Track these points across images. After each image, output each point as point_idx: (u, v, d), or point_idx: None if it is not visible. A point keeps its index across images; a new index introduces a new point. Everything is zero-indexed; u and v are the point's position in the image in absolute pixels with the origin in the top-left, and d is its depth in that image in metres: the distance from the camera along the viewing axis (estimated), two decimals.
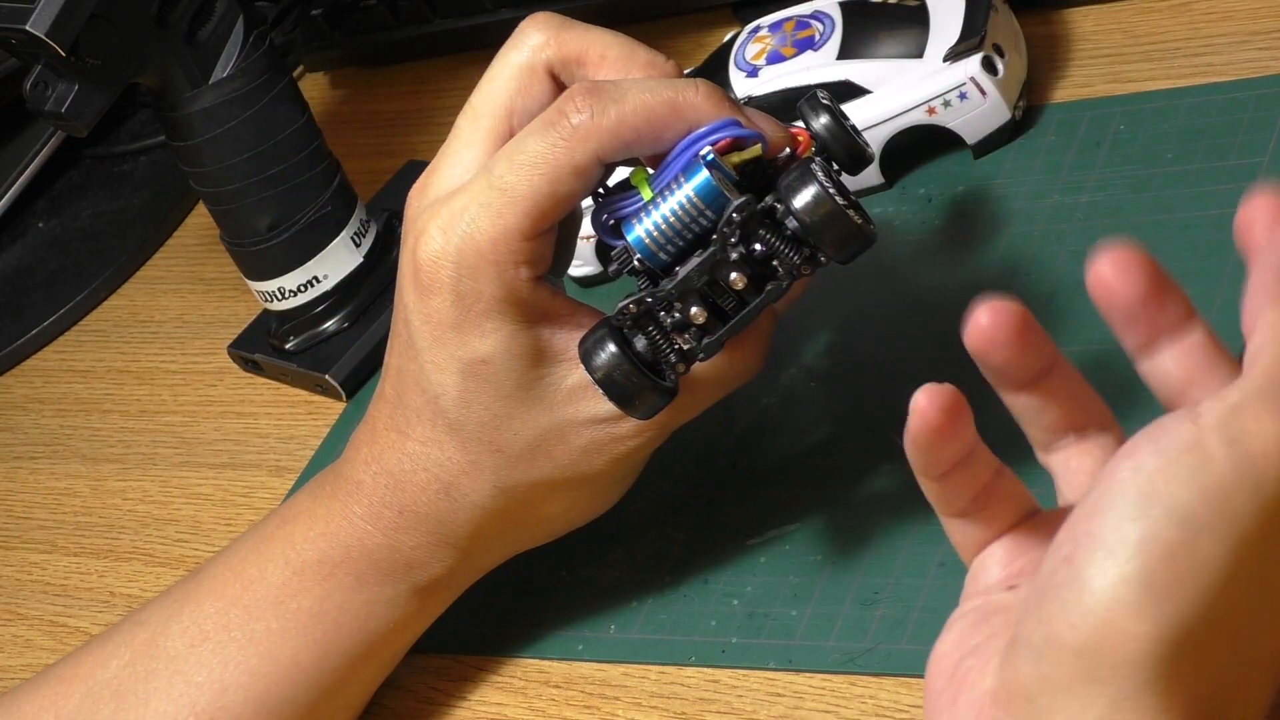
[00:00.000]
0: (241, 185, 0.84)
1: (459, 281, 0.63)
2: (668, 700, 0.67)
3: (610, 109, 0.61)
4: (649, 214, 0.61)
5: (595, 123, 0.61)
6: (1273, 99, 0.74)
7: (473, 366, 0.64)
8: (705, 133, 0.61)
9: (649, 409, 0.62)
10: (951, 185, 0.79)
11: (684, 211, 0.61)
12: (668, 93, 0.61)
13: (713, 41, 0.92)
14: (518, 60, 0.64)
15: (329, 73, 1.11)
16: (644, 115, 0.61)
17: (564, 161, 0.61)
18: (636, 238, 0.61)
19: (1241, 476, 0.45)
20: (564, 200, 0.62)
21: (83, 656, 0.70)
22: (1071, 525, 0.46)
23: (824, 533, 0.68)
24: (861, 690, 0.64)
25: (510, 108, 0.64)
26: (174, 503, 0.89)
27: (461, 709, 0.71)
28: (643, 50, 0.64)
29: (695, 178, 0.60)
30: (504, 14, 1.00)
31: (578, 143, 0.61)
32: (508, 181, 0.62)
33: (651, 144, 0.62)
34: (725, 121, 0.61)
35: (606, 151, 0.61)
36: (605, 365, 0.61)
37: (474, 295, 0.63)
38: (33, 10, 0.76)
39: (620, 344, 0.61)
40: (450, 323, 0.63)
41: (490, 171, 0.62)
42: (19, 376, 1.02)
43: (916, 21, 0.79)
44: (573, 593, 0.72)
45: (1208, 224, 0.71)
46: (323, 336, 0.88)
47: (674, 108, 0.61)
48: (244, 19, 0.83)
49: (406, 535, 0.67)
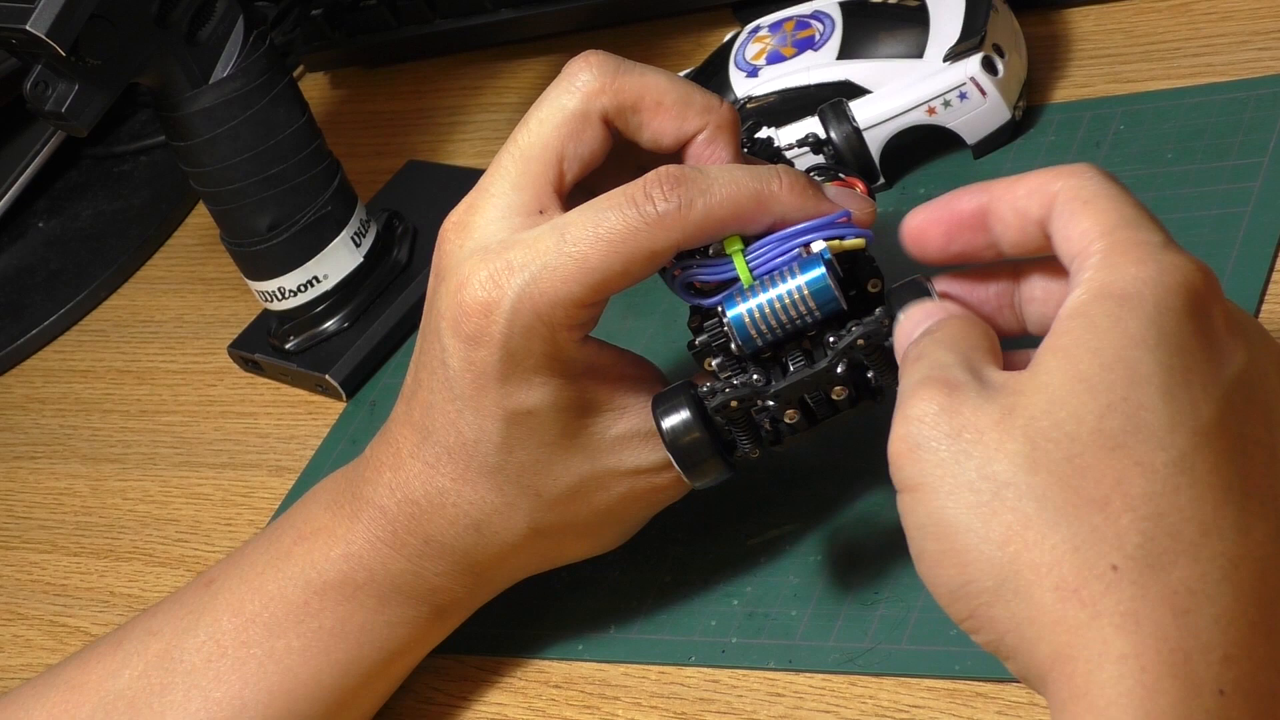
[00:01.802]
0: (241, 185, 0.84)
1: (510, 338, 0.62)
2: (668, 700, 0.67)
3: (698, 201, 0.60)
4: (753, 296, 0.60)
5: (681, 214, 0.60)
6: (1273, 99, 0.74)
7: (517, 417, 0.63)
8: (820, 224, 0.60)
9: (713, 480, 0.62)
10: (951, 185, 0.78)
11: (793, 305, 0.60)
12: (754, 185, 0.61)
13: (713, 41, 0.92)
14: (570, 105, 0.63)
15: (329, 73, 1.11)
16: (730, 209, 0.61)
17: (644, 245, 0.60)
18: (737, 317, 0.60)
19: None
20: (632, 279, 0.61)
21: (91, 663, 0.70)
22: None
23: (824, 533, 0.68)
24: (861, 690, 0.64)
25: (561, 153, 0.63)
26: (174, 503, 0.88)
27: (461, 709, 0.71)
28: (699, 95, 0.64)
29: (811, 273, 0.60)
30: (504, 14, 1.00)
31: (660, 230, 0.60)
32: (580, 251, 0.61)
33: (733, 233, 0.62)
34: (838, 215, 0.61)
35: (688, 241, 0.61)
36: (679, 432, 0.61)
37: (524, 352, 0.62)
38: (33, 10, 0.76)
39: (698, 415, 0.60)
40: (496, 375, 0.63)
41: (563, 236, 0.61)
42: (19, 376, 1.02)
43: (916, 21, 0.79)
44: (573, 593, 0.72)
45: (1208, 224, 0.71)
46: (323, 336, 0.88)
47: (760, 201, 0.61)
48: (244, 19, 0.83)
49: (431, 563, 0.67)
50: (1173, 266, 0.52)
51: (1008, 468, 0.50)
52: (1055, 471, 0.50)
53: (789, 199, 0.61)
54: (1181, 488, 0.50)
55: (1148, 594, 0.49)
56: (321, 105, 1.08)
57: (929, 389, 0.52)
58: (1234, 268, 0.69)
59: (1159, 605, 0.49)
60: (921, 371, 0.53)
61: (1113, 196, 0.54)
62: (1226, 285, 0.68)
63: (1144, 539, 0.49)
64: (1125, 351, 0.51)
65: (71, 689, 0.69)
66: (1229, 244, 0.70)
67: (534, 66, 1.01)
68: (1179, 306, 0.52)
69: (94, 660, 0.70)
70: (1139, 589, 0.49)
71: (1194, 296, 0.52)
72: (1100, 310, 0.52)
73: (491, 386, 0.63)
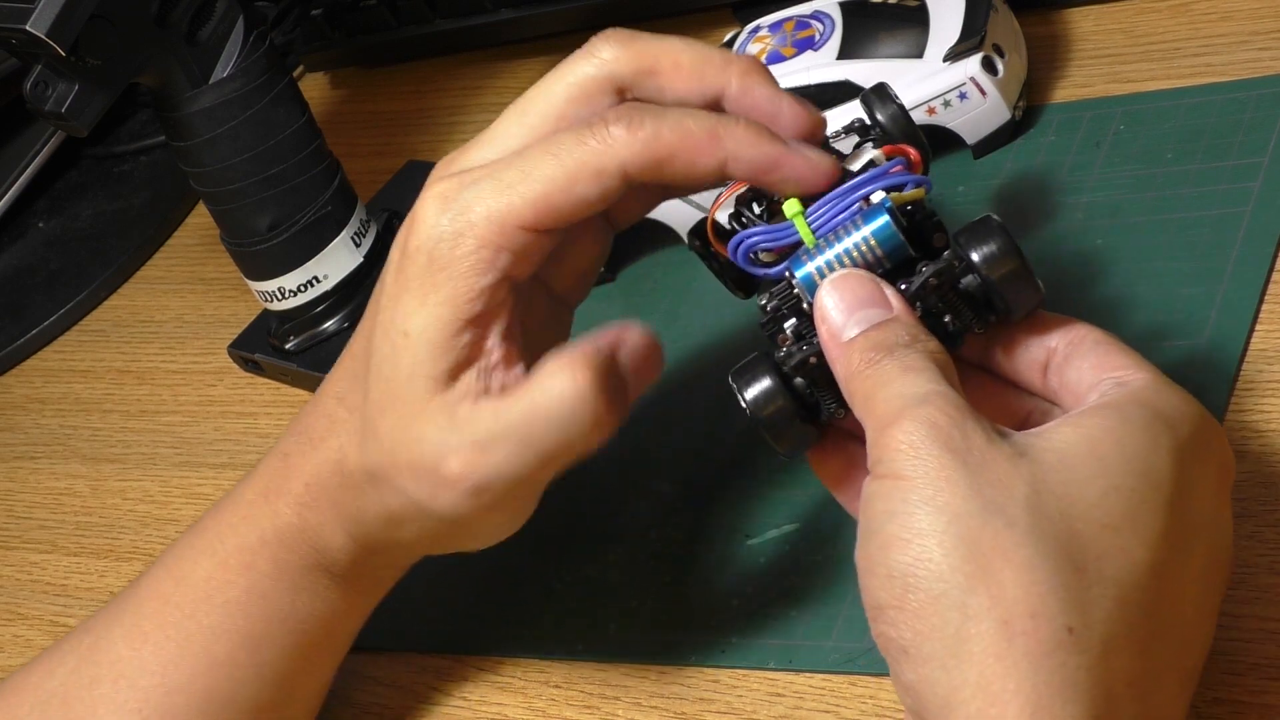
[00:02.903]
0: (241, 185, 0.84)
1: (437, 244, 0.60)
2: (668, 700, 0.67)
3: (648, 123, 0.59)
4: (819, 254, 0.59)
5: (629, 133, 0.59)
6: (1273, 99, 0.74)
7: (393, 336, 0.61)
8: (876, 174, 0.59)
9: (801, 446, 0.60)
10: (951, 185, 0.79)
11: (860, 256, 0.58)
12: (709, 121, 0.59)
13: (713, 41, 0.91)
14: (584, 71, 0.62)
15: (329, 73, 1.11)
16: (679, 135, 0.59)
17: (589, 161, 0.59)
18: (807, 276, 0.59)
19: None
20: (575, 202, 0.59)
21: (33, 666, 0.70)
22: None
23: (824, 533, 0.68)
24: (861, 690, 0.64)
25: (562, 113, 0.62)
26: (174, 503, 0.89)
27: (461, 709, 0.71)
28: (717, 53, 0.62)
29: (874, 222, 0.58)
30: (504, 14, 1.00)
31: (607, 148, 0.59)
32: (528, 164, 0.60)
33: (685, 168, 0.59)
34: (893, 163, 0.60)
35: (635, 164, 0.59)
36: (762, 402, 0.59)
37: (445, 261, 0.60)
38: (33, 10, 0.76)
39: (780, 381, 0.59)
40: (410, 286, 0.61)
41: (518, 155, 0.60)
42: (19, 376, 1.02)
43: (916, 21, 0.79)
44: (573, 593, 0.72)
45: (1208, 224, 0.71)
46: (323, 336, 0.88)
47: (713, 135, 0.59)
48: (244, 19, 0.83)
49: (311, 512, 0.66)
50: (1214, 424, 0.55)
51: (1004, 498, 0.51)
52: (1047, 521, 0.51)
53: (745, 136, 0.59)
54: (1150, 590, 0.51)
55: (1090, 670, 0.49)
56: (321, 105, 1.08)
57: (949, 405, 0.53)
58: (1234, 268, 0.69)
59: (1096, 685, 0.49)
60: (938, 384, 0.54)
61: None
62: (1226, 286, 0.68)
63: (1106, 616, 0.50)
64: (1148, 454, 0.52)
65: (15, 692, 0.69)
66: (1229, 244, 0.70)
67: (534, 66, 1.01)
68: (1206, 455, 0.54)
69: (36, 663, 0.70)
70: (1085, 660, 0.49)
71: (1224, 456, 0.55)
72: (1137, 413, 0.53)
73: (398, 297, 0.61)
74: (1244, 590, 0.59)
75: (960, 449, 0.52)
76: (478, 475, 0.60)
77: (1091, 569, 0.50)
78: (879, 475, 0.53)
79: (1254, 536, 0.61)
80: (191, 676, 0.67)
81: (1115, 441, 0.52)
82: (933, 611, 0.50)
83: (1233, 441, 0.64)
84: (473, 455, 0.60)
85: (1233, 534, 0.56)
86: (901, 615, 0.51)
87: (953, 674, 0.50)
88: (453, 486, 0.61)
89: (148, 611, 0.68)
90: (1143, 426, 0.53)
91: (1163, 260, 0.71)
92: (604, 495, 0.74)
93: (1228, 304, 0.68)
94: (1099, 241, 0.73)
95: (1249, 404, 0.65)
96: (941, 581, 0.50)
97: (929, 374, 0.54)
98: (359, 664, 0.73)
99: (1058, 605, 0.49)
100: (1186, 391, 0.55)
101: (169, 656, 0.67)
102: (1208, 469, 0.54)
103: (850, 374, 0.56)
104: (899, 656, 0.51)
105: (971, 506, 0.51)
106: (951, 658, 0.50)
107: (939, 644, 0.50)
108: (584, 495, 0.74)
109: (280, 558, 0.67)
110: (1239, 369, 0.66)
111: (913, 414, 0.53)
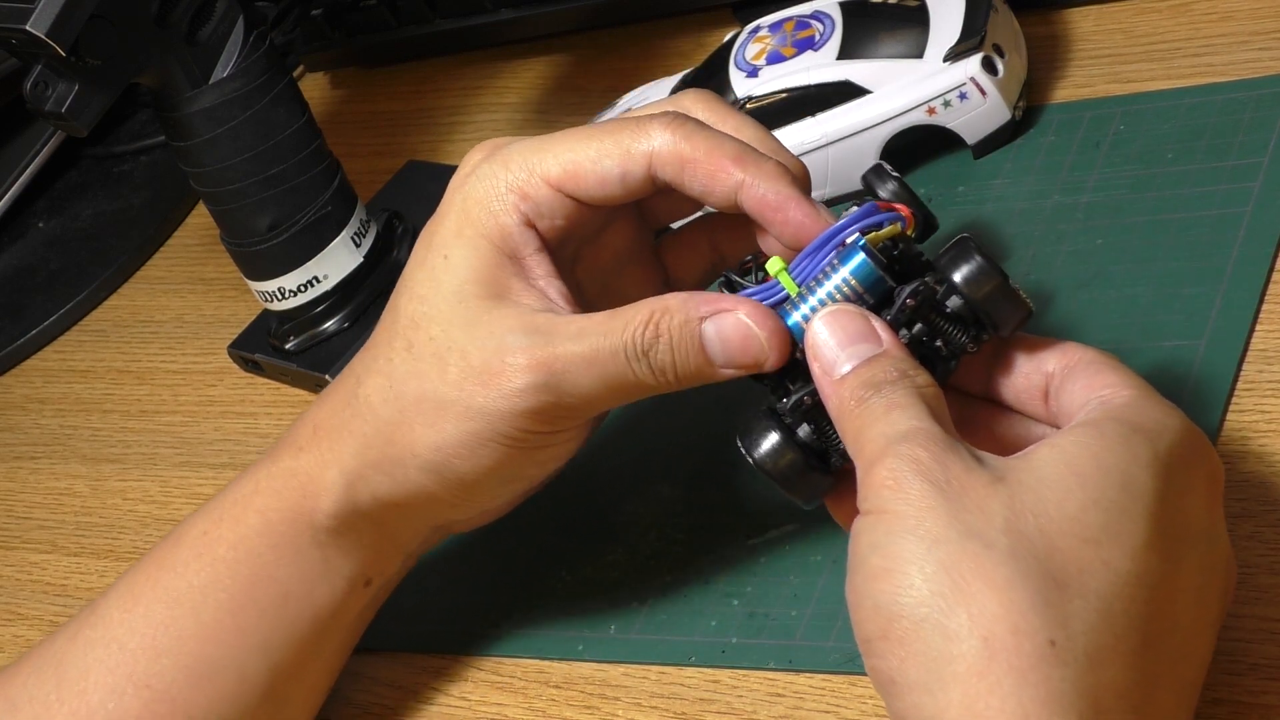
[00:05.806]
0: (241, 185, 0.84)
1: (475, 183, 0.64)
2: (668, 700, 0.67)
3: (684, 127, 0.63)
4: (803, 302, 0.60)
5: (664, 130, 0.63)
6: (1273, 99, 0.74)
7: (432, 261, 0.65)
8: (849, 221, 0.60)
9: (819, 495, 0.61)
10: (951, 185, 0.79)
11: (844, 297, 0.60)
12: (739, 147, 0.62)
13: (713, 41, 0.92)
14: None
15: (329, 73, 1.11)
16: (709, 146, 0.62)
17: (621, 141, 0.63)
18: (795, 325, 0.60)
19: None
20: (600, 175, 0.63)
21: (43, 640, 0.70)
22: None
23: (824, 533, 0.68)
24: (861, 690, 0.64)
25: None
26: (174, 503, 0.89)
27: (461, 709, 0.71)
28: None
29: (851, 261, 0.60)
30: (504, 14, 1.00)
31: (640, 137, 0.63)
32: (567, 136, 0.64)
33: (705, 178, 0.62)
34: (867, 208, 0.61)
35: (661, 157, 0.62)
36: (771, 457, 0.60)
37: (479, 197, 0.64)
38: (33, 10, 0.76)
39: (785, 435, 0.60)
40: (448, 219, 0.65)
41: (560, 131, 0.65)
42: (19, 376, 1.02)
43: (916, 21, 0.79)
44: (573, 593, 0.72)
45: (1208, 224, 0.71)
46: (323, 336, 0.88)
47: (739, 159, 0.62)
48: (244, 19, 0.83)
49: (308, 455, 0.67)
50: (1199, 435, 0.55)
51: (982, 522, 0.51)
52: (1025, 540, 0.51)
53: (765, 169, 0.62)
54: (1137, 600, 0.51)
55: (1076, 682, 0.49)
56: (321, 105, 1.08)
57: (930, 441, 0.53)
58: (1234, 268, 0.69)
59: (1084, 697, 0.49)
60: (922, 420, 0.54)
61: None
62: (1226, 286, 0.68)
63: (1089, 629, 0.50)
64: (1126, 465, 0.53)
65: (21, 660, 0.70)
66: (1229, 244, 0.70)
67: (534, 66, 1.02)
68: (1191, 466, 0.54)
69: (46, 638, 0.70)
70: (1070, 672, 0.49)
71: (1211, 467, 0.55)
72: (1113, 428, 0.54)
73: (433, 233, 0.65)
74: (1244, 590, 0.60)
75: (940, 480, 0.52)
76: (544, 364, 0.62)
77: (1074, 583, 0.50)
78: (865, 511, 0.54)
79: (1254, 536, 0.61)
80: (180, 639, 0.67)
81: (1091, 457, 0.53)
82: (915, 638, 0.51)
83: (1233, 442, 0.64)
84: (541, 349, 0.62)
85: (1230, 543, 0.56)
86: (887, 645, 0.51)
87: (938, 697, 0.50)
88: (513, 377, 0.62)
89: (141, 577, 0.68)
90: (1120, 440, 0.53)
91: (1163, 260, 0.71)
92: (604, 495, 0.75)
93: (1228, 304, 0.68)
94: (1099, 241, 0.73)
95: (1249, 404, 0.65)
96: (923, 607, 0.51)
97: (913, 410, 0.55)
98: (359, 664, 0.73)
99: (1039, 620, 0.50)
100: (1172, 405, 0.56)
101: (157, 617, 0.67)
102: (1194, 479, 0.54)
103: (842, 413, 0.57)
104: (888, 688, 0.52)
105: (950, 533, 0.51)
106: (936, 681, 0.50)
107: (923, 669, 0.50)
108: (584, 495, 0.74)
109: (267, 508, 0.67)
110: (1239, 369, 0.66)
111: (895, 451, 0.53)
